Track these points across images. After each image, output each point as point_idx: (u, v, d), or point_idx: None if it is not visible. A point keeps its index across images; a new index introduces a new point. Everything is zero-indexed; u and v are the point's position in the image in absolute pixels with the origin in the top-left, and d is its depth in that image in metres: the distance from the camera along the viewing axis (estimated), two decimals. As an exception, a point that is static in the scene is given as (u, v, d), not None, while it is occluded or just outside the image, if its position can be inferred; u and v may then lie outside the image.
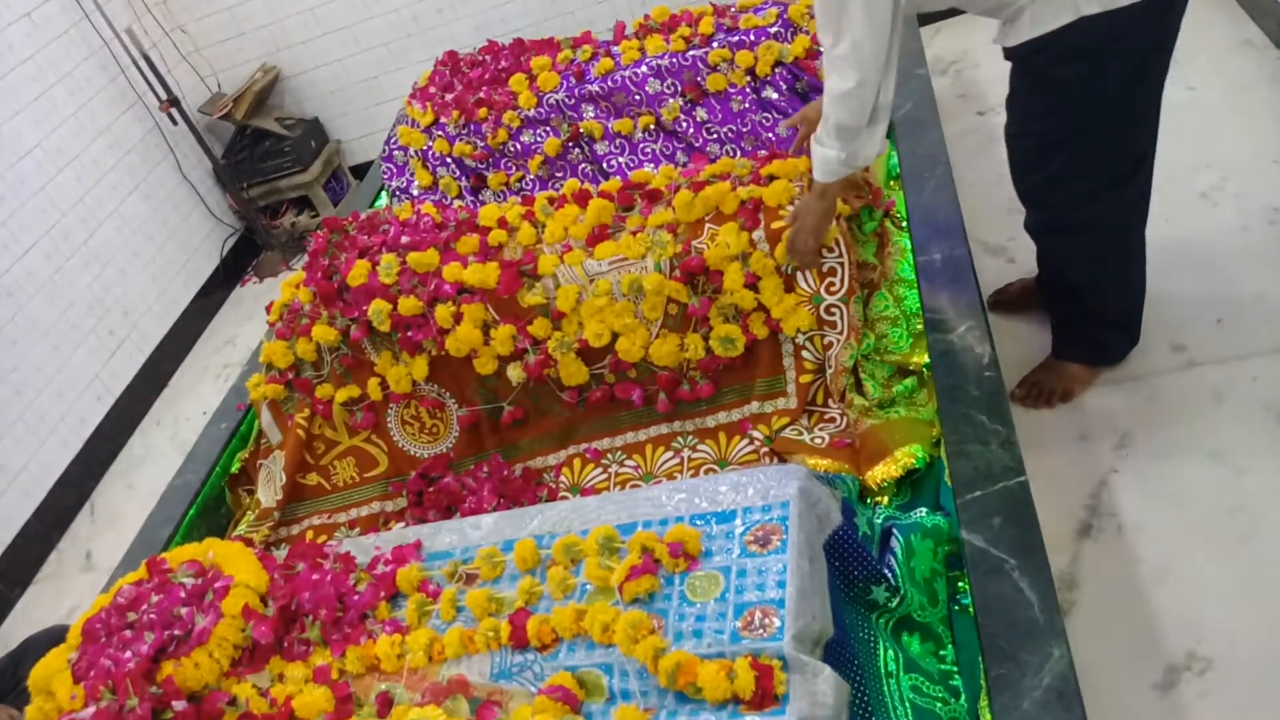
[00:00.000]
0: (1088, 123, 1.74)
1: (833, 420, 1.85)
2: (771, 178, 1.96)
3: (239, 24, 4.32)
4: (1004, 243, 2.65)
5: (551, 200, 2.19)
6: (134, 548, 2.16)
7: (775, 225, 1.87)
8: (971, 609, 1.38)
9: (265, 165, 4.35)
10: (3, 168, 3.42)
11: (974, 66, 3.51)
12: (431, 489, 2.09)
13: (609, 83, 2.75)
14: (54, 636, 1.94)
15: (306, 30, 4.30)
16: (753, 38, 2.63)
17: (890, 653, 1.40)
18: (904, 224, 2.07)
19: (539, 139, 2.85)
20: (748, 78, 2.63)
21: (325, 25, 4.27)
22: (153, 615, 1.59)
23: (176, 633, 1.55)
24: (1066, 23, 1.61)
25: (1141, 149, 1.85)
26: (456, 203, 2.94)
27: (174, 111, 4.01)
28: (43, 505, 3.30)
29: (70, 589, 3.13)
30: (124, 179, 3.94)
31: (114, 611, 1.63)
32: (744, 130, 2.65)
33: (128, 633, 1.59)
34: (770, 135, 2.62)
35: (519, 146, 2.88)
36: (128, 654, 1.54)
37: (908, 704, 1.34)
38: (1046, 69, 1.70)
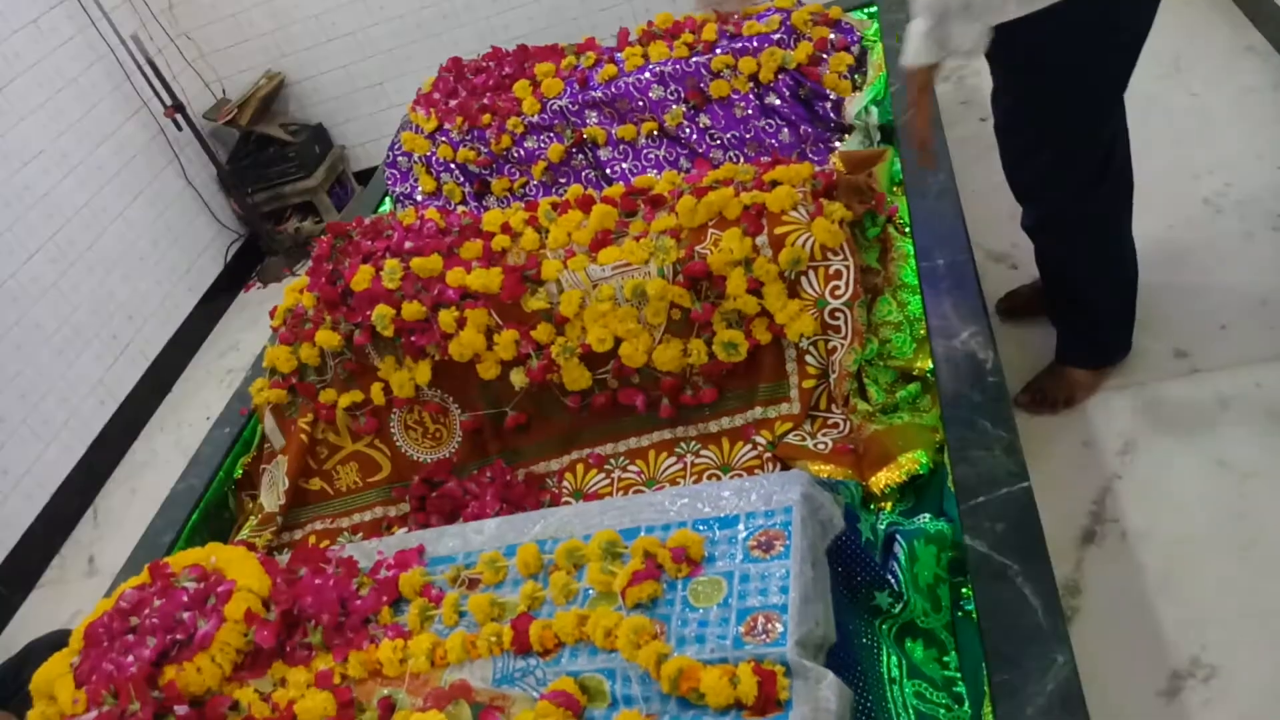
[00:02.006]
0: (1070, 108, 1.75)
1: (836, 426, 1.85)
2: (775, 183, 1.96)
3: (244, 30, 4.34)
4: (1007, 249, 2.65)
5: (555, 205, 2.19)
6: (136, 552, 2.16)
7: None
8: (975, 615, 1.37)
9: (269, 171, 4.37)
10: (7, 173, 3.43)
11: (976, 74, 3.51)
12: (434, 494, 2.08)
13: (612, 89, 2.75)
14: (56, 641, 1.95)
15: (311, 37, 4.32)
16: (756, 44, 2.64)
17: (893, 659, 1.40)
18: (907, 230, 2.07)
19: (542, 145, 2.86)
20: (751, 84, 2.64)
21: (330, 32, 4.29)
22: (155, 620, 1.59)
23: (179, 637, 1.55)
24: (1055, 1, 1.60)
25: (1110, 139, 1.85)
26: (460, 208, 2.95)
27: (178, 117, 4.02)
28: (46, 510, 3.31)
29: (73, 594, 3.13)
30: (128, 184, 3.95)
31: (116, 616, 1.63)
32: (747, 136, 2.65)
33: (130, 637, 1.58)
34: (773, 141, 2.63)
35: (522, 152, 2.88)
36: (130, 658, 1.54)
37: (911, 710, 1.34)
38: (1033, 52, 1.70)
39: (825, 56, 2.64)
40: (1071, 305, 2.11)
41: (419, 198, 3.05)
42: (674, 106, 2.71)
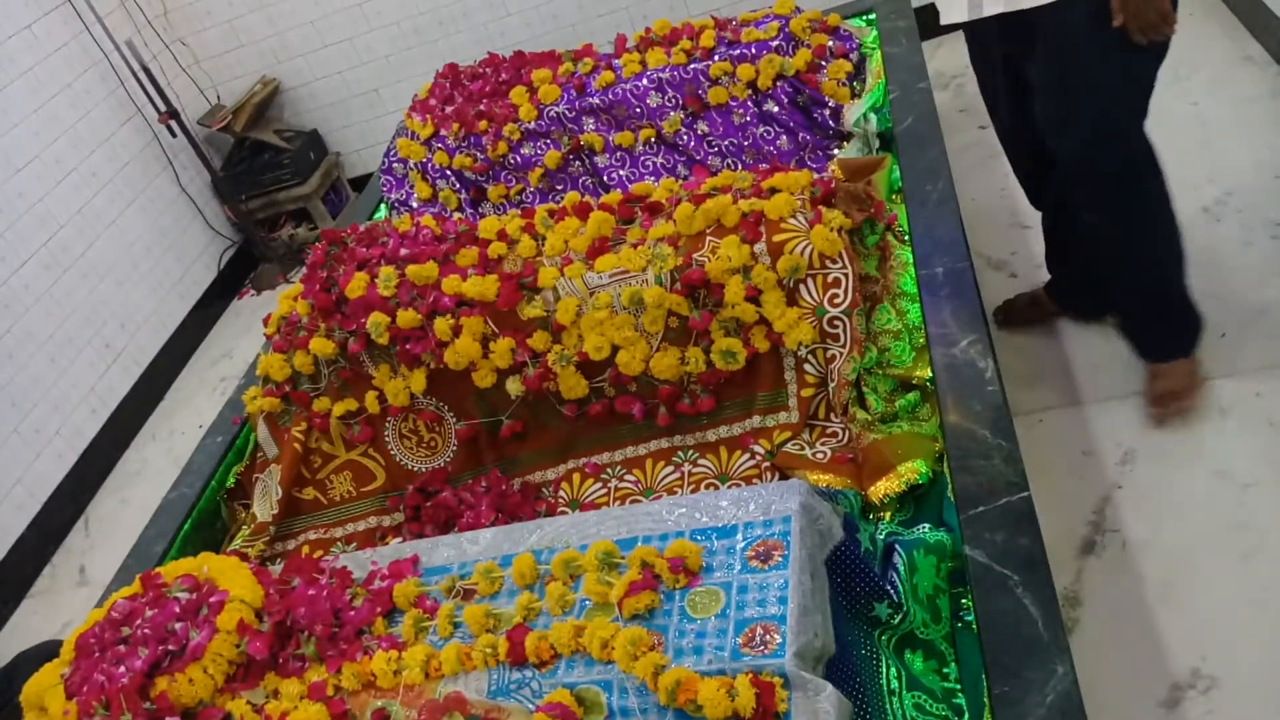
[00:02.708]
0: (1127, 79, 1.76)
1: (835, 435, 1.84)
2: (773, 190, 1.95)
3: (239, 36, 4.33)
4: (1006, 257, 2.65)
5: (551, 213, 2.18)
6: (128, 562, 2.14)
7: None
8: (975, 626, 1.36)
9: (264, 178, 4.35)
10: (1, 179, 3.41)
11: (975, 81, 3.51)
12: (429, 504, 2.07)
13: (610, 95, 2.74)
14: (47, 652, 1.93)
15: (307, 43, 4.30)
16: (754, 51, 2.63)
17: (893, 670, 1.38)
18: (906, 238, 2.06)
19: (539, 151, 2.85)
20: (749, 91, 2.63)
21: (326, 38, 4.28)
22: (147, 630, 1.57)
23: (171, 648, 1.53)
24: None
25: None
26: (456, 215, 2.93)
27: (173, 123, 4.01)
28: (37, 519, 3.28)
29: (64, 604, 3.11)
30: (122, 191, 3.94)
31: (108, 626, 1.62)
32: (745, 143, 2.65)
33: (121, 648, 1.57)
34: (772, 148, 2.62)
35: (519, 159, 2.87)
36: (121, 669, 1.52)
37: (911, 723, 1.32)
38: (1101, 22, 1.69)
39: (824, 64, 2.63)
40: (1148, 299, 2.06)
41: (414, 204, 3.04)
42: (672, 113, 2.70)
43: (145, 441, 3.73)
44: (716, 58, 2.66)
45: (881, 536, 1.56)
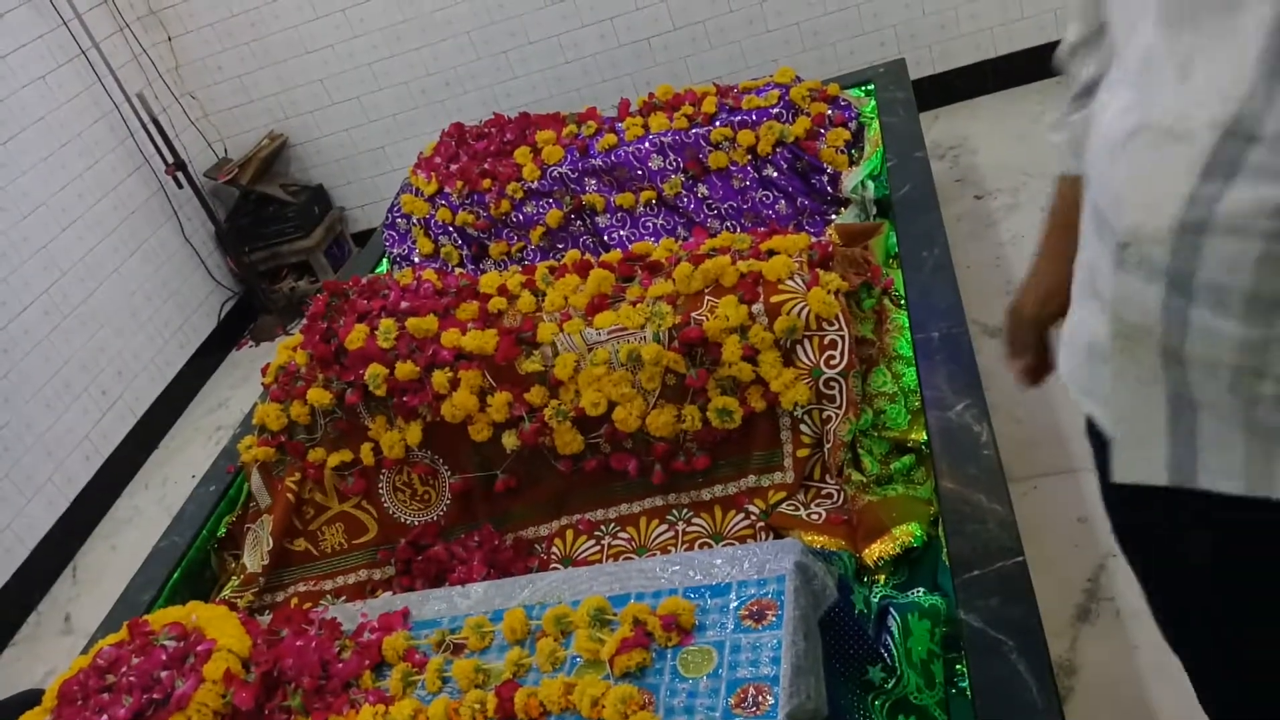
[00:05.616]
0: None
1: (830, 496, 1.84)
2: (771, 253, 1.98)
3: (248, 92, 4.40)
4: (1000, 323, 2.66)
5: (552, 269, 2.20)
6: (115, 610, 2.12)
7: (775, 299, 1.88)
8: (969, 692, 1.35)
9: (268, 230, 4.39)
10: (6, 225, 3.44)
11: (971, 152, 3.57)
12: (420, 558, 2.05)
13: (612, 157, 2.79)
14: (27, 700, 1.89)
15: (315, 100, 4.37)
16: (755, 118, 2.68)
17: (886, 736, 1.37)
18: (902, 302, 2.09)
19: (541, 210, 2.89)
20: (749, 156, 2.68)
21: (334, 95, 4.35)
22: (132, 678, 1.54)
23: (155, 696, 1.50)
24: None
25: None
26: (457, 270, 2.96)
27: (180, 175, 4.05)
28: (24, 566, 3.24)
29: (47, 652, 3.06)
30: (126, 240, 3.97)
31: (92, 673, 1.59)
32: (744, 207, 2.68)
33: (105, 695, 1.54)
34: (770, 212, 2.66)
35: (521, 217, 2.91)
36: (104, 718, 1.50)
37: (904, 790, 1.30)
38: None
39: (823, 131, 2.69)
40: None
41: (416, 260, 3.07)
42: (673, 176, 2.74)
43: (137, 489, 3.71)
44: (718, 123, 2.72)
45: (876, 599, 1.55)
